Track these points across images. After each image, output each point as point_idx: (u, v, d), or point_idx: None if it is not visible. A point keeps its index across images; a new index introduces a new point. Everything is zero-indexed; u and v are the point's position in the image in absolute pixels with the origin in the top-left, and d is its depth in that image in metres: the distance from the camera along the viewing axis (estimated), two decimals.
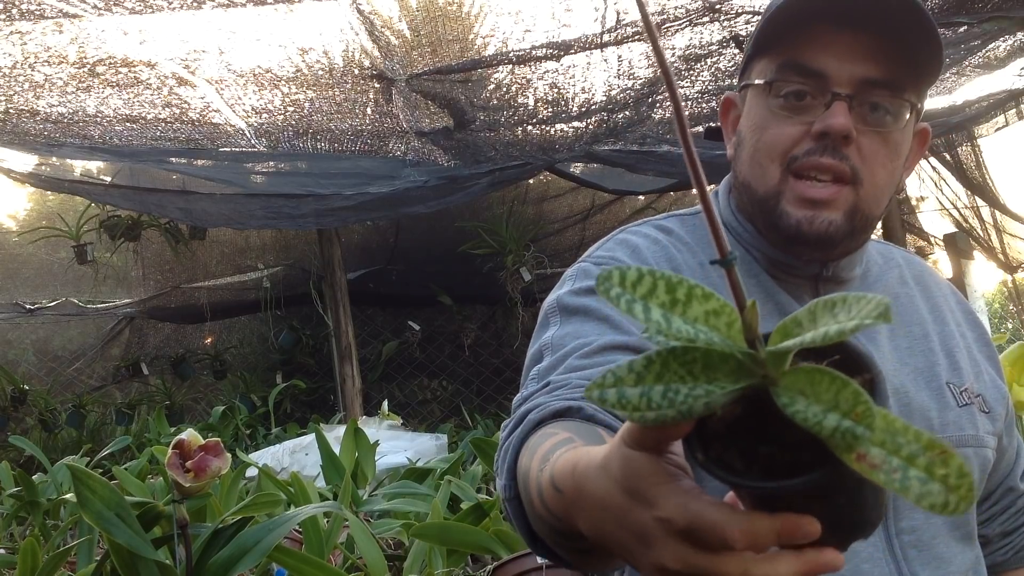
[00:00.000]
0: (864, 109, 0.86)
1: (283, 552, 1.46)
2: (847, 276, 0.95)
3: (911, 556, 0.87)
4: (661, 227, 1.00)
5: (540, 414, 0.74)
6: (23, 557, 1.58)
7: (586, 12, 2.63)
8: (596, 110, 3.26)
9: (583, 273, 0.95)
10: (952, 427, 0.92)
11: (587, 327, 0.87)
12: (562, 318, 0.90)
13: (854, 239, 0.90)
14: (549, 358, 0.86)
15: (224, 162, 3.97)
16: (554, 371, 0.83)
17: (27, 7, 2.36)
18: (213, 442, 1.34)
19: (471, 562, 1.94)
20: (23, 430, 5.61)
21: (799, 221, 0.87)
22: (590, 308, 0.89)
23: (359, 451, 2.81)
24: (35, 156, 4.18)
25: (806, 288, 0.95)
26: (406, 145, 3.73)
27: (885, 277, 1.01)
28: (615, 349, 0.83)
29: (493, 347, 6.22)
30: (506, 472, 0.74)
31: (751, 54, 0.92)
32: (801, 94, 0.87)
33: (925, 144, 0.96)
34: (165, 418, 4.54)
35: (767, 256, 0.94)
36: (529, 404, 0.79)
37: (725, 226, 0.97)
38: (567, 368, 0.82)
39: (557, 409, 0.74)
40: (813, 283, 0.95)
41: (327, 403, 5.60)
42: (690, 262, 0.94)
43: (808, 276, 0.94)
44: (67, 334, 6.61)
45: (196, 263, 5.60)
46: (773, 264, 0.94)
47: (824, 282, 0.94)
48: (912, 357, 0.95)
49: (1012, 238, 4.99)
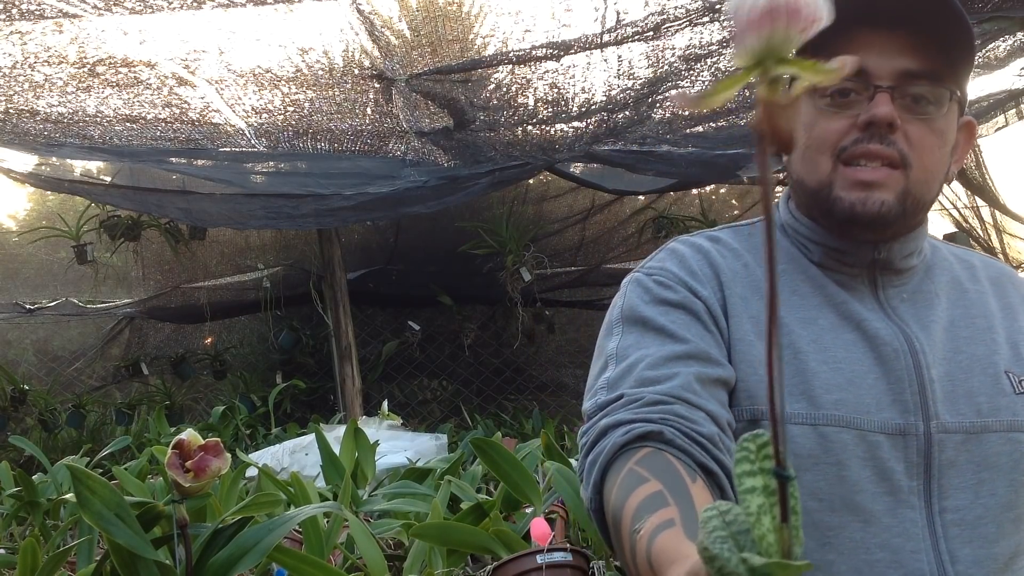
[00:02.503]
0: (907, 100, 0.92)
1: (283, 552, 1.45)
2: (903, 264, 1.00)
3: (953, 535, 0.91)
4: (711, 237, 1.07)
5: (625, 437, 0.83)
6: (23, 557, 1.58)
7: (586, 12, 2.63)
8: (596, 110, 3.25)
9: (637, 284, 1.02)
10: (1005, 412, 0.96)
11: (647, 338, 0.95)
12: (624, 328, 0.98)
13: (906, 221, 0.95)
14: (614, 367, 0.94)
15: (224, 162, 3.97)
16: (624, 382, 0.91)
17: (27, 7, 2.36)
18: (213, 442, 1.34)
19: (471, 562, 1.94)
20: (23, 430, 5.62)
21: (852, 203, 0.92)
22: (647, 319, 0.97)
23: (359, 451, 2.81)
24: (35, 156, 4.18)
25: (863, 278, 1.00)
26: (406, 145, 3.72)
27: (953, 272, 1.06)
28: (676, 359, 0.91)
29: (493, 347, 6.22)
30: (592, 487, 0.84)
31: None
32: (845, 91, 0.93)
33: (973, 137, 1.02)
34: (165, 418, 4.53)
35: (823, 246, 1.00)
36: (610, 419, 0.87)
37: (782, 228, 1.05)
38: (638, 380, 0.90)
39: (640, 433, 0.83)
40: (870, 271, 1.00)
41: (327, 403, 5.60)
42: (733, 265, 1.01)
43: (864, 264, 0.99)
44: (67, 334, 6.61)
45: (196, 263, 5.60)
46: (828, 254, 1.00)
47: (881, 269, 1.00)
48: (971, 346, 0.99)
49: (1012, 238, 4.99)
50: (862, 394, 0.93)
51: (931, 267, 1.04)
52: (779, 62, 0.42)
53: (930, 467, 0.92)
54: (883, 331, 0.96)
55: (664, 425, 0.83)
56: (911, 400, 0.93)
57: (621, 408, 0.88)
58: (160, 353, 6.29)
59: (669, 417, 0.84)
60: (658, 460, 0.80)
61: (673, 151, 3.67)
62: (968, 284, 1.05)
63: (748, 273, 1.00)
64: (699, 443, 0.83)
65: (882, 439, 0.91)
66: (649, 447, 0.82)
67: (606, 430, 0.86)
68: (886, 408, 0.93)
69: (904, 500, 0.91)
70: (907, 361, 0.95)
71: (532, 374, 6.27)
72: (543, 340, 6.25)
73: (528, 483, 1.92)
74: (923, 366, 0.95)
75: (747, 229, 1.07)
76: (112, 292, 5.94)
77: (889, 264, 0.99)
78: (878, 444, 0.91)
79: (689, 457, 0.82)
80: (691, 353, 0.92)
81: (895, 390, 0.94)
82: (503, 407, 5.87)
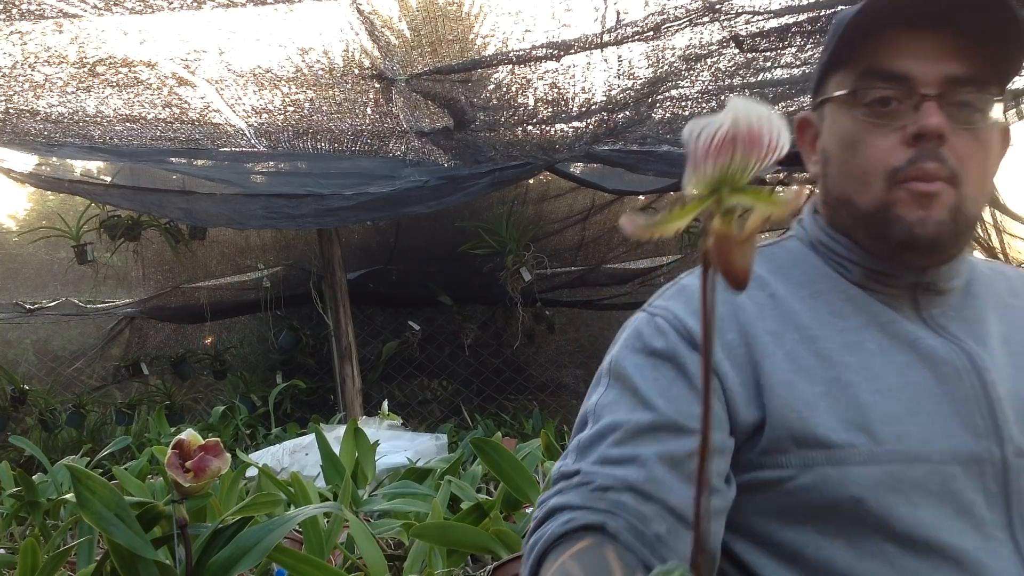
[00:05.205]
0: (952, 108, 0.84)
1: (283, 552, 1.46)
2: (945, 286, 0.92)
3: None
4: None
5: (565, 527, 0.79)
6: (23, 557, 1.58)
7: (586, 12, 2.63)
8: (596, 110, 3.25)
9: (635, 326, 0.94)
10: None
11: (623, 400, 0.88)
12: (609, 381, 0.91)
13: (956, 241, 0.88)
14: (590, 428, 0.88)
15: (224, 162, 3.97)
16: (590, 452, 0.86)
17: (27, 7, 2.36)
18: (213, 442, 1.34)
19: (471, 562, 1.94)
20: (23, 430, 5.61)
21: (911, 224, 0.85)
22: (627, 375, 0.89)
23: (359, 451, 2.81)
24: (35, 156, 4.18)
25: (904, 298, 0.92)
26: (406, 145, 3.72)
27: (993, 287, 0.98)
28: (641, 434, 0.84)
29: (493, 347, 6.22)
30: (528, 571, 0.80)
31: (825, 69, 0.91)
32: (886, 100, 0.85)
33: (1008, 142, 0.94)
34: (165, 418, 4.53)
35: (863, 267, 0.92)
36: (559, 499, 0.83)
37: (811, 246, 0.96)
38: (599, 457, 0.84)
39: (581, 524, 0.78)
40: (911, 293, 0.92)
41: (327, 403, 5.60)
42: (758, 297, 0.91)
43: (906, 286, 0.91)
44: (67, 334, 6.61)
45: (196, 263, 5.60)
46: (869, 275, 0.92)
47: (923, 291, 0.92)
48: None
49: (1012, 238, 4.99)
50: (926, 421, 0.84)
51: (970, 283, 0.96)
52: (735, 192, 0.40)
53: (1009, 495, 0.83)
54: (940, 349, 0.88)
55: (609, 517, 0.78)
56: (982, 423, 0.84)
57: (573, 488, 0.83)
58: (160, 353, 6.29)
59: (616, 509, 0.79)
60: (594, 557, 0.75)
61: (673, 151, 3.67)
62: (1009, 299, 0.99)
63: (776, 304, 0.91)
64: (645, 541, 0.77)
65: (957, 469, 0.83)
66: (589, 540, 0.77)
67: (553, 512, 0.82)
68: (955, 433, 0.84)
69: (990, 535, 0.82)
70: (972, 380, 0.86)
71: (532, 374, 6.27)
72: (543, 340, 6.25)
73: (528, 483, 1.92)
74: (989, 384, 0.86)
75: (771, 250, 0.98)
76: (112, 292, 5.94)
77: (932, 286, 0.91)
78: (953, 476, 0.82)
79: (631, 555, 0.76)
80: (660, 425, 0.84)
81: (962, 413, 0.85)
82: (503, 407, 5.87)
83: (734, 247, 0.40)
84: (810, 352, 0.87)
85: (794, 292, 0.92)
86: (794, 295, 0.92)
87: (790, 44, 2.80)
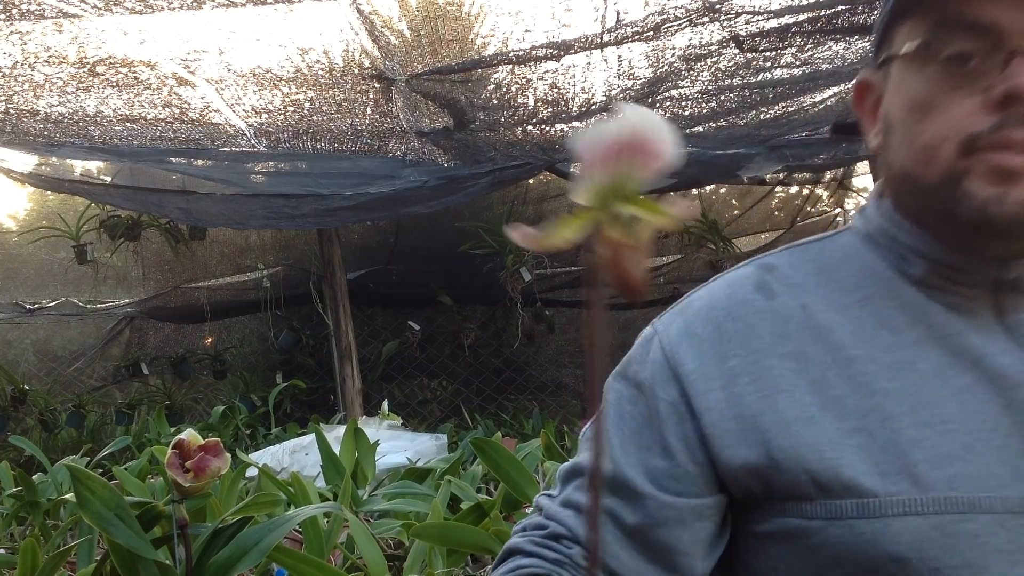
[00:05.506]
0: None
1: (283, 552, 1.46)
2: None
3: None
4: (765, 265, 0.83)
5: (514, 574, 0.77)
6: (23, 557, 1.58)
7: (586, 12, 2.63)
8: (596, 110, 3.26)
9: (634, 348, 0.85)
10: None
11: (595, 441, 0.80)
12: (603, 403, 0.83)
13: None
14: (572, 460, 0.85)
15: (224, 162, 3.97)
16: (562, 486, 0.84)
17: (27, 7, 2.36)
18: (213, 442, 1.34)
19: (471, 562, 1.94)
20: (23, 430, 5.61)
21: (986, 200, 0.68)
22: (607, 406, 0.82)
23: (359, 451, 2.81)
24: (35, 156, 4.18)
25: (983, 300, 0.74)
26: (406, 145, 3.72)
27: None
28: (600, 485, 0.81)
29: (493, 347, 6.22)
30: None
31: (888, 20, 0.74)
32: (966, 56, 0.68)
33: None
34: (165, 418, 4.53)
35: (931, 259, 0.75)
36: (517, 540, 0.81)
37: (869, 237, 0.81)
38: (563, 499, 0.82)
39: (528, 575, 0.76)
40: (991, 292, 0.74)
41: (327, 403, 5.60)
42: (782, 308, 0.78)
43: (984, 284, 0.74)
44: (67, 334, 6.61)
45: (196, 263, 5.60)
46: (938, 271, 0.75)
47: (1007, 291, 0.74)
48: None
49: None
50: (988, 462, 0.68)
51: None
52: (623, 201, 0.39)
53: None
54: (1011, 368, 0.71)
55: (555, 569, 0.76)
56: None
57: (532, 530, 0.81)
58: (160, 353, 6.29)
59: (563, 563, 0.77)
60: None
61: None
62: None
63: (807, 318, 0.76)
64: None
65: None
66: None
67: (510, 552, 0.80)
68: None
69: None
70: None
71: (532, 374, 6.28)
72: (543, 340, 6.26)
73: (528, 483, 1.92)
74: None
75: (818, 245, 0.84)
76: (112, 292, 5.95)
77: (1018, 285, 0.73)
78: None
79: None
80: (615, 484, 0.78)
81: None
82: (503, 407, 5.87)
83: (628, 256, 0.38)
84: (843, 378, 0.73)
85: (836, 300, 0.77)
86: (835, 304, 0.77)
87: (790, 44, 2.80)
